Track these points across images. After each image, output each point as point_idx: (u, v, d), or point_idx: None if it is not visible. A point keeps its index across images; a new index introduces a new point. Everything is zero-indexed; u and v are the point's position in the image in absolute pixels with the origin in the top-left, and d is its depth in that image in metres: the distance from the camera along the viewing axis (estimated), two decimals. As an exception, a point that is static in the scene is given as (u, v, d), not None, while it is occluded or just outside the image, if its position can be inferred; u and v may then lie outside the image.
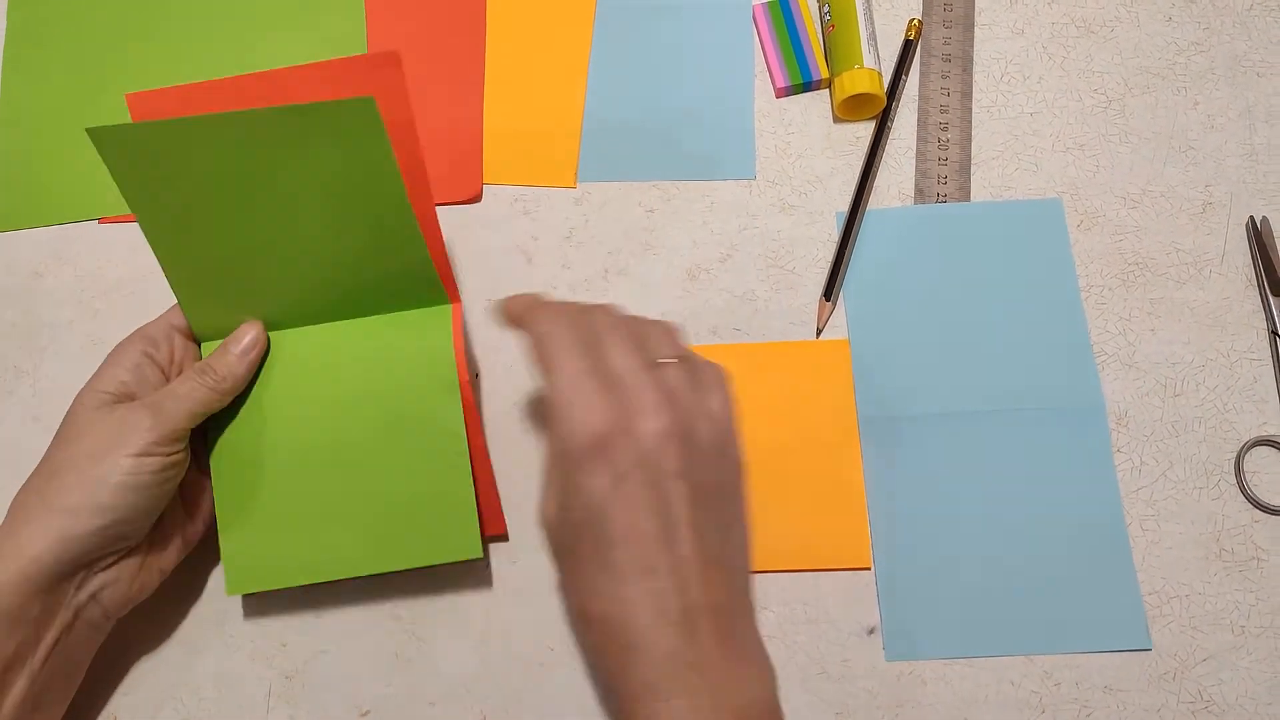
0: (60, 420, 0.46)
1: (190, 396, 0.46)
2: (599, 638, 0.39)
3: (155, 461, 0.44)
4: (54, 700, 0.46)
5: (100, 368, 0.48)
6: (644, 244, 0.57)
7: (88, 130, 0.44)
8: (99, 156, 0.53)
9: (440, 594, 0.51)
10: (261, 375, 0.49)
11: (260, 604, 0.51)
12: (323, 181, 0.45)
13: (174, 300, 0.49)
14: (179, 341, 0.49)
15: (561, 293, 0.56)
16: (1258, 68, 0.59)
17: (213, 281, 0.49)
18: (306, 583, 0.48)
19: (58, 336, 0.57)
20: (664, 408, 0.39)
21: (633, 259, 0.57)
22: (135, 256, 0.59)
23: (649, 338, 0.43)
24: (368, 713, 0.49)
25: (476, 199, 0.59)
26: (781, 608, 0.50)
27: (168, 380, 0.48)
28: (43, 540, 0.43)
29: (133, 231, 0.59)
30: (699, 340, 0.55)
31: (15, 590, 0.42)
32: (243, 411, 0.49)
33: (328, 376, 0.49)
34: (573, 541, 0.39)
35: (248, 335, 0.49)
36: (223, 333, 0.50)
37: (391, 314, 0.50)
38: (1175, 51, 0.60)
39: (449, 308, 0.50)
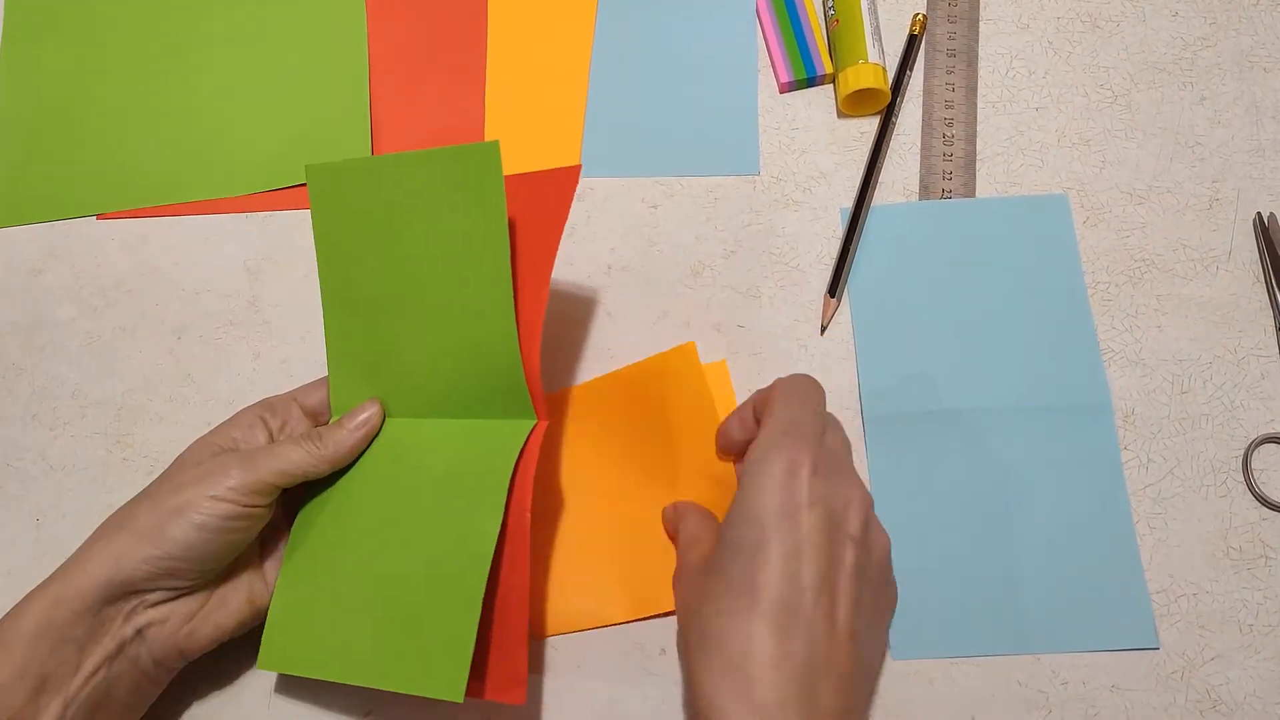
0: (52, 415, 0.46)
1: (286, 455, 0.46)
2: (716, 656, 0.39)
3: (229, 508, 0.44)
4: None
5: (217, 429, 0.48)
6: (647, 240, 0.57)
7: (307, 168, 0.49)
8: (97, 154, 0.54)
9: (443, 593, 0.51)
10: (362, 458, 0.49)
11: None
12: (444, 232, 0.46)
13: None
14: (296, 413, 0.50)
15: (564, 290, 0.56)
16: (1265, 62, 0.59)
17: (358, 355, 0.50)
18: (321, 678, 0.45)
19: (56, 334, 0.57)
20: (861, 489, 0.43)
21: (636, 255, 0.57)
22: (133, 253, 0.58)
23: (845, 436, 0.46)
24: (370, 713, 0.49)
25: (478, 195, 0.58)
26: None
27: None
28: (102, 559, 0.43)
29: (130, 228, 0.59)
30: (701, 336, 0.55)
31: (65, 607, 0.42)
32: (331, 490, 0.48)
33: (403, 473, 0.48)
34: (720, 551, 0.41)
35: (364, 412, 0.49)
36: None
37: (479, 420, 0.48)
38: (1181, 46, 0.60)
39: (529, 424, 0.47)
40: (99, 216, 0.59)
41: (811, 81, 0.60)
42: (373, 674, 0.44)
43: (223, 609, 0.46)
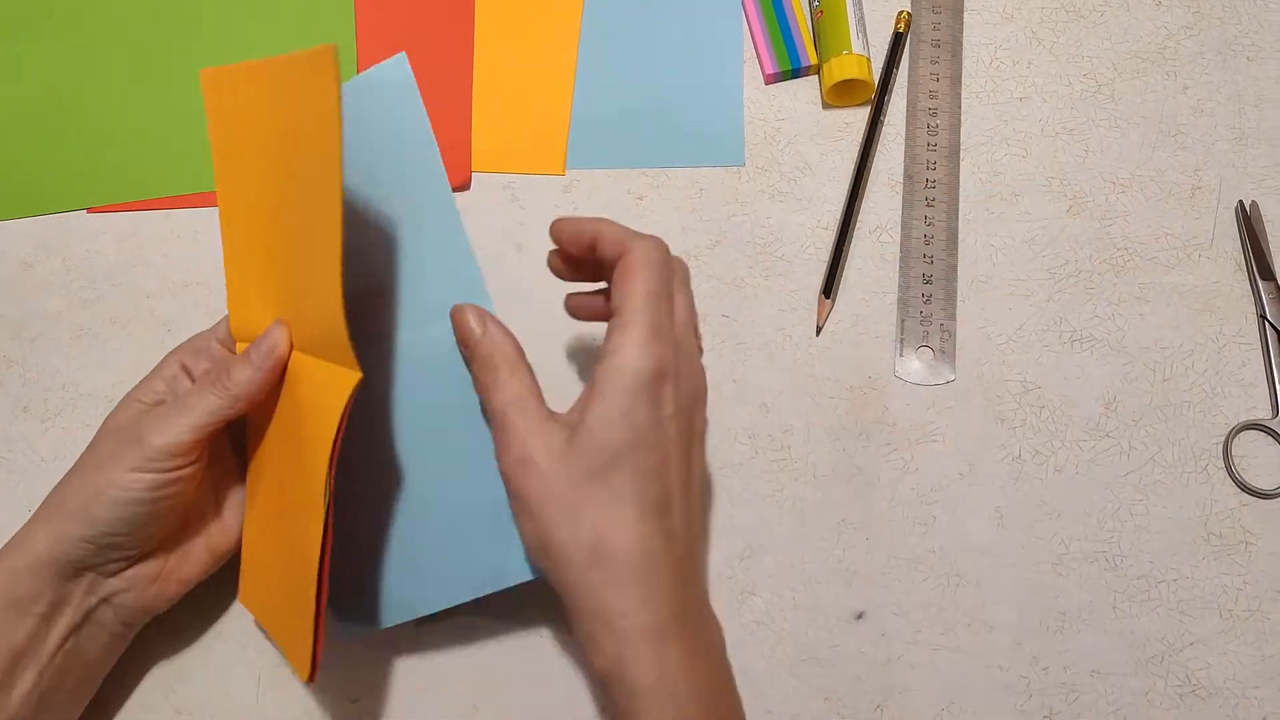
0: (43, 407, 0.46)
1: (196, 406, 0.43)
2: (612, 568, 0.39)
3: (150, 479, 0.43)
4: (64, 702, 0.45)
5: (142, 380, 0.47)
6: (633, 231, 0.57)
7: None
8: (88, 147, 0.54)
9: (430, 581, 0.51)
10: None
11: (250, 592, 0.51)
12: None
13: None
14: (216, 350, 0.48)
15: (549, 280, 0.56)
16: (1247, 51, 0.59)
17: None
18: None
19: (47, 327, 0.57)
20: (702, 374, 0.44)
21: (621, 246, 0.57)
22: (123, 246, 0.59)
23: (693, 303, 0.45)
24: (358, 700, 0.49)
25: (465, 187, 0.59)
26: (770, 594, 0.50)
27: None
28: (44, 538, 0.43)
29: (120, 221, 0.59)
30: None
31: (23, 580, 0.43)
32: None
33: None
34: (602, 466, 0.40)
35: (269, 338, 0.44)
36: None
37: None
38: (1165, 36, 0.60)
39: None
40: (89, 210, 0.60)
41: (796, 73, 0.60)
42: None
43: (185, 563, 0.47)
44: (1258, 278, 0.54)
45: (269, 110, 0.43)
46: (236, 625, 0.51)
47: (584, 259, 0.45)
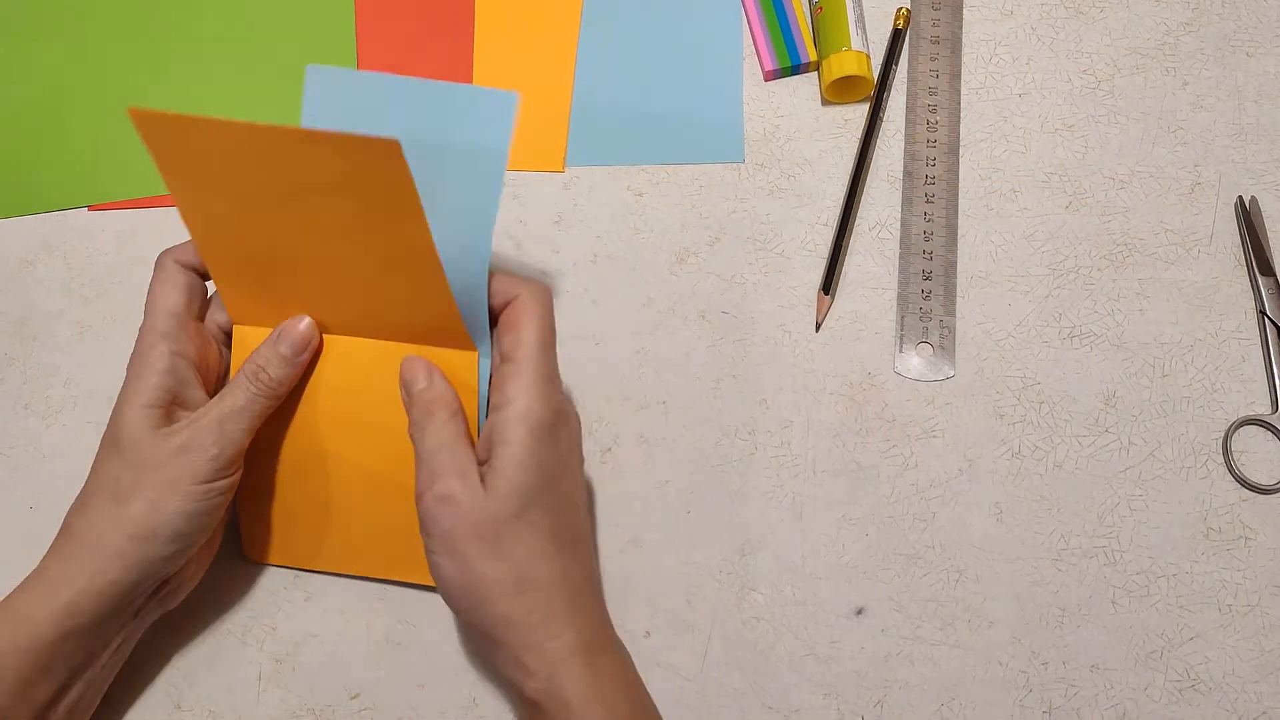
0: (44, 404, 0.46)
1: (248, 410, 0.45)
2: (537, 597, 0.42)
3: (222, 484, 0.45)
4: (92, 703, 0.46)
5: (135, 380, 0.45)
6: (632, 228, 0.57)
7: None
8: (89, 145, 0.53)
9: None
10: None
11: (250, 588, 0.51)
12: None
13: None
14: (196, 330, 0.47)
15: (550, 278, 0.56)
16: (1247, 47, 0.59)
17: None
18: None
19: (48, 324, 0.57)
20: (573, 406, 0.47)
21: (621, 243, 0.57)
22: (125, 244, 0.59)
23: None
24: (358, 695, 0.49)
25: (465, 184, 0.59)
26: (769, 590, 0.50)
27: (199, 373, 0.46)
28: (119, 565, 0.43)
29: (122, 219, 0.59)
30: (686, 323, 0.55)
31: (91, 609, 0.43)
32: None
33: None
34: (519, 507, 0.42)
35: (298, 333, 0.47)
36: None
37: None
38: (1164, 32, 0.60)
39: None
40: (91, 208, 0.60)
41: (796, 69, 0.60)
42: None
43: (199, 562, 0.48)
44: (1257, 273, 0.54)
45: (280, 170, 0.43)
46: (238, 622, 0.51)
47: None
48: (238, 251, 0.46)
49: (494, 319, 0.46)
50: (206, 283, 0.48)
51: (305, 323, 0.47)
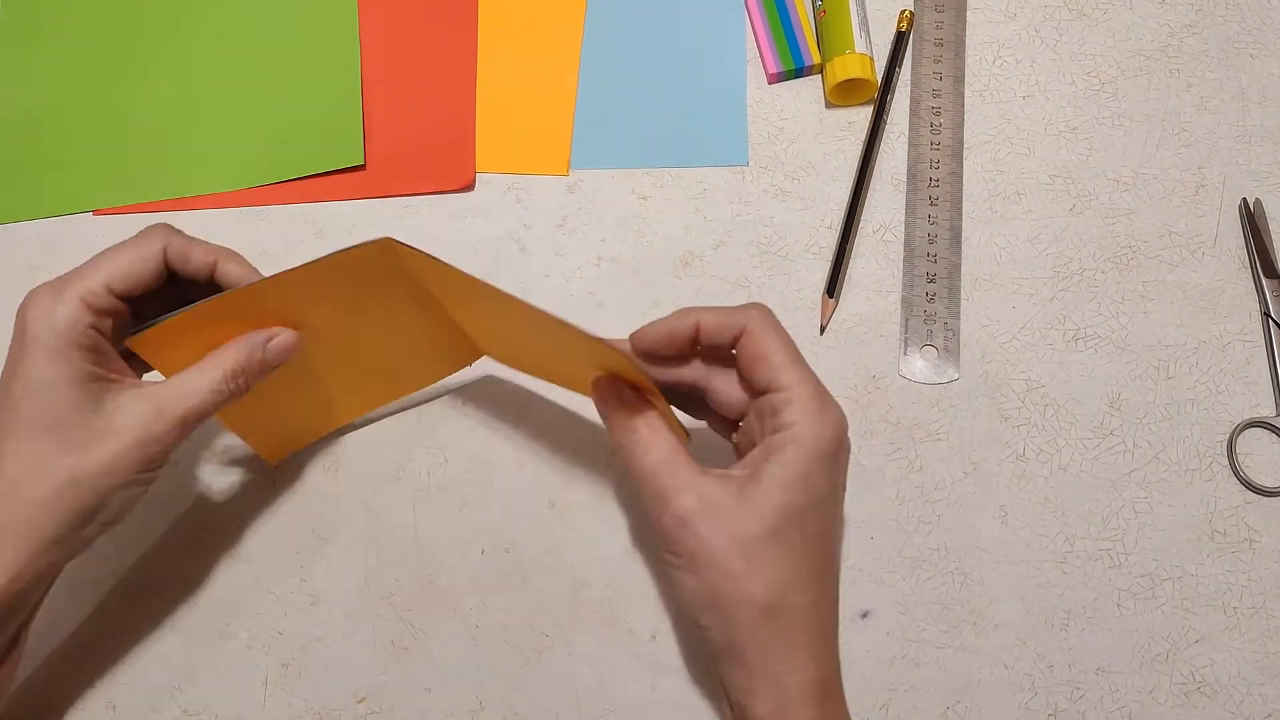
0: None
1: (215, 406, 0.43)
2: (785, 625, 0.39)
3: (166, 461, 0.43)
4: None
5: (50, 341, 0.41)
6: (637, 231, 0.57)
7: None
8: (94, 150, 0.53)
9: (435, 581, 0.51)
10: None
11: (256, 592, 0.51)
12: None
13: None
14: (123, 312, 0.44)
15: (554, 281, 0.57)
16: (1250, 49, 0.59)
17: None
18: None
19: (54, 328, 0.57)
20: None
21: (625, 246, 0.57)
22: (130, 248, 0.59)
23: None
24: (364, 699, 0.50)
25: (469, 187, 0.59)
26: (775, 592, 0.50)
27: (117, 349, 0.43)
28: (59, 552, 0.42)
29: (127, 224, 0.60)
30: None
31: (22, 598, 0.42)
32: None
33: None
34: (778, 525, 0.39)
35: (282, 343, 0.46)
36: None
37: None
38: (1168, 34, 0.60)
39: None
40: (96, 212, 0.60)
41: (799, 72, 0.60)
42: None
43: None
44: (1261, 275, 0.54)
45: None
46: (243, 626, 0.51)
47: (678, 354, 0.45)
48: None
49: (720, 355, 0.44)
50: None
51: (289, 335, 0.46)
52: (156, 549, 0.52)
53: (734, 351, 0.43)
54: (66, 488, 0.41)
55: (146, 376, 0.46)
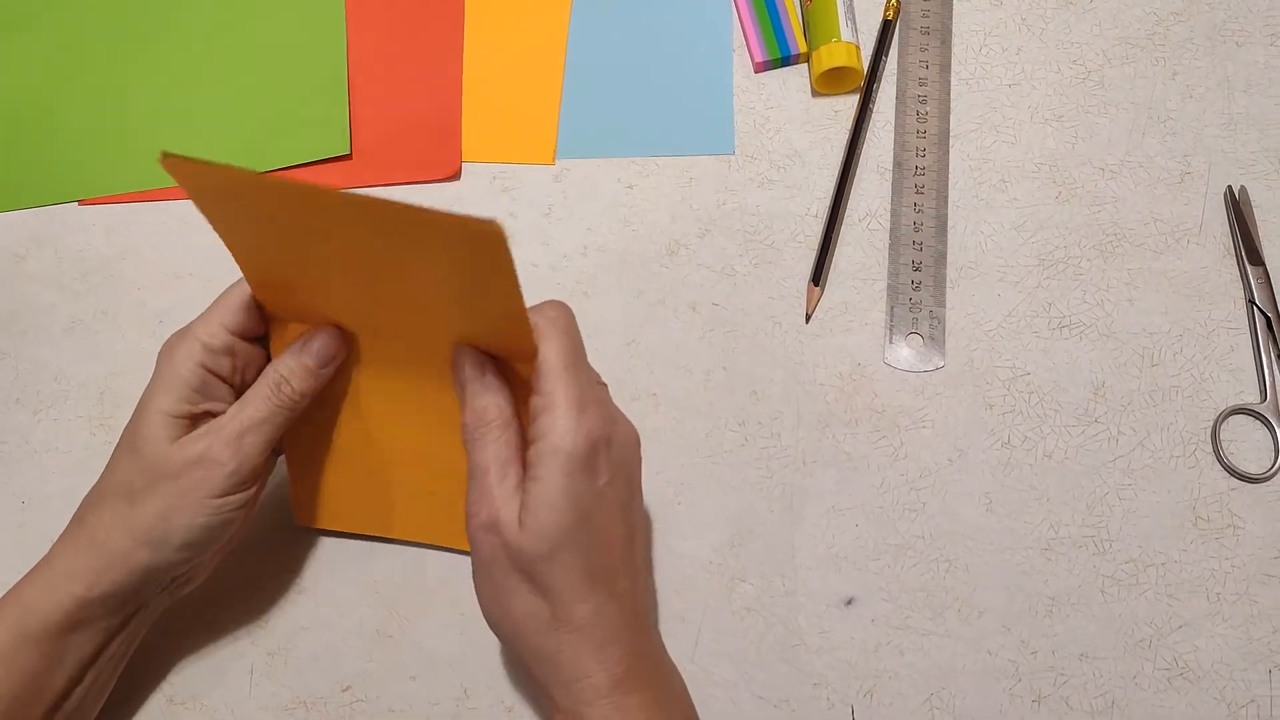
0: (35, 399, 0.46)
1: (269, 422, 0.44)
2: (567, 636, 0.41)
3: (238, 499, 0.44)
4: (103, 692, 0.47)
5: (161, 382, 0.44)
6: (623, 220, 0.57)
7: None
8: (79, 139, 0.53)
9: (421, 570, 0.51)
10: None
11: (242, 582, 0.51)
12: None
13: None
14: (240, 349, 0.45)
15: (541, 270, 0.57)
16: (1237, 37, 0.59)
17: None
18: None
19: (39, 319, 0.57)
20: (624, 420, 0.44)
21: (611, 235, 0.57)
22: (115, 238, 0.59)
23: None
24: (349, 688, 0.50)
25: (455, 177, 0.59)
26: (760, 580, 0.50)
27: (233, 389, 0.45)
28: (124, 566, 0.43)
29: (112, 213, 0.59)
30: (677, 314, 0.55)
31: (99, 604, 0.43)
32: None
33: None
34: (551, 548, 0.40)
35: (325, 345, 0.45)
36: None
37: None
38: (1154, 22, 0.60)
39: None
40: (81, 202, 0.60)
41: (786, 61, 0.60)
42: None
43: (226, 546, 0.48)
44: (1246, 263, 0.54)
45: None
46: (230, 616, 0.51)
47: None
48: (285, 285, 0.45)
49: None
50: None
51: (332, 334, 0.46)
52: (142, 538, 0.52)
53: None
54: (136, 545, 0.43)
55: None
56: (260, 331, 0.46)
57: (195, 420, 0.44)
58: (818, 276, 0.55)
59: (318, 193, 0.38)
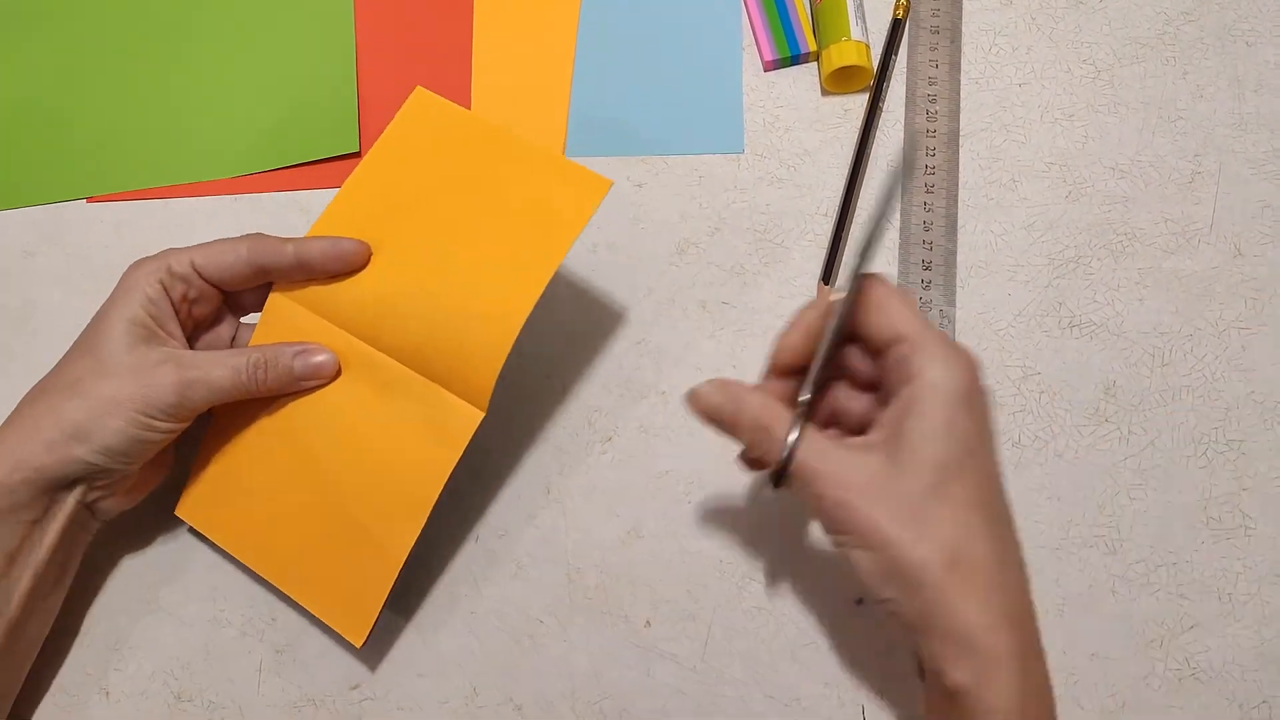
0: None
1: (225, 390, 0.47)
2: (971, 580, 0.37)
3: (167, 426, 0.46)
4: (52, 601, 0.48)
5: (124, 291, 0.47)
6: (632, 218, 0.57)
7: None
8: (87, 137, 0.53)
9: (430, 567, 0.51)
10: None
11: (249, 578, 0.51)
12: None
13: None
14: (198, 284, 0.48)
15: (550, 268, 0.56)
16: (1247, 36, 0.59)
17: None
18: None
19: (48, 316, 0.57)
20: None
21: (621, 234, 0.57)
22: (123, 236, 0.59)
23: None
24: (358, 686, 0.49)
25: (464, 175, 0.59)
26: (770, 579, 0.50)
27: (178, 317, 0.48)
28: (48, 455, 0.44)
29: (120, 211, 0.59)
30: (686, 313, 0.55)
31: (22, 490, 0.44)
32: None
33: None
34: (938, 481, 0.38)
35: (318, 363, 0.48)
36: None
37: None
38: (1164, 21, 0.60)
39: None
40: (89, 199, 0.60)
41: (795, 59, 0.60)
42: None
43: (153, 471, 0.50)
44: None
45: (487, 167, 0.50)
46: (237, 612, 0.51)
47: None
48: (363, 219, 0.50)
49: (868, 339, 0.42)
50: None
51: (331, 359, 0.48)
52: (151, 535, 0.52)
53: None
54: (62, 437, 0.44)
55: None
56: (233, 288, 0.49)
57: (149, 338, 0.46)
58: (828, 275, 0.55)
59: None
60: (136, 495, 0.49)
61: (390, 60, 0.62)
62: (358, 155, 0.59)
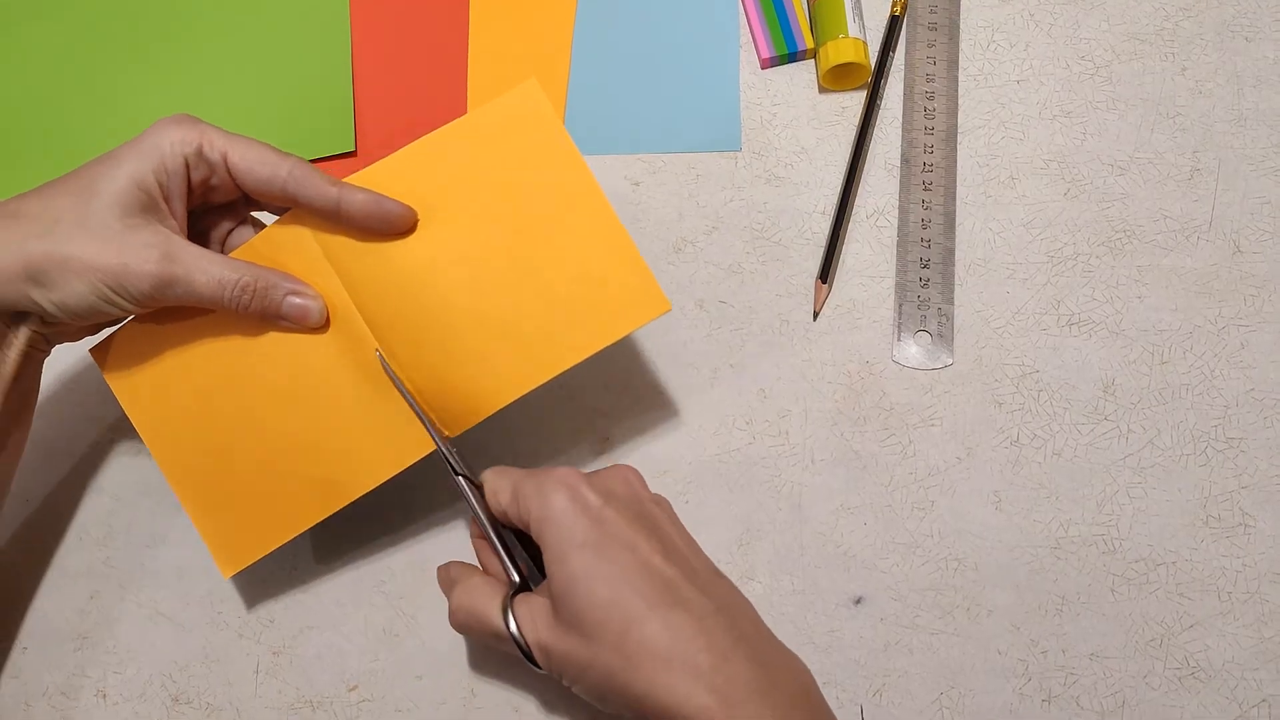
0: (41, 397, 0.46)
1: (201, 292, 0.44)
2: (650, 663, 0.39)
3: (130, 308, 0.44)
4: (18, 429, 0.47)
5: (145, 146, 0.44)
6: (630, 217, 0.57)
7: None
8: (84, 140, 0.53)
9: (428, 568, 0.51)
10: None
11: (248, 580, 0.51)
12: None
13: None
14: (223, 176, 0.45)
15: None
16: (1246, 32, 0.59)
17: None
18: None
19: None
20: (617, 473, 0.45)
21: (618, 232, 0.57)
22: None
23: None
24: (356, 687, 0.49)
25: (461, 174, 0.58)
26: (768, 579, 0.50)
27: (188, 199, 0.45)
28: (3, 285, 0.42)
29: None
30: (684, 312, 0.55)
31: None
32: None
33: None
34: (586, 633, 0.40)
35: (310, 312, 0.46)
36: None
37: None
38: (1163, 17, 0.59)
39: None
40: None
41: (793, 57, 0.60)
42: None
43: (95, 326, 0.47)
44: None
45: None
46: (234, 614, 0.51)
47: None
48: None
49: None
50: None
51: (319, 309, 0.46)
52: (148, 538, 0.52)
53: None
54: (22, 274, 0.42)
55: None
56: (257, 198, 0.47)
57: (148, 208, 0.44)
58: (825, 274, 0.55)
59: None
60: (89, 334, 0.47)
61: (386, 58, 0.61)
62: (354, 154, 0.59)
